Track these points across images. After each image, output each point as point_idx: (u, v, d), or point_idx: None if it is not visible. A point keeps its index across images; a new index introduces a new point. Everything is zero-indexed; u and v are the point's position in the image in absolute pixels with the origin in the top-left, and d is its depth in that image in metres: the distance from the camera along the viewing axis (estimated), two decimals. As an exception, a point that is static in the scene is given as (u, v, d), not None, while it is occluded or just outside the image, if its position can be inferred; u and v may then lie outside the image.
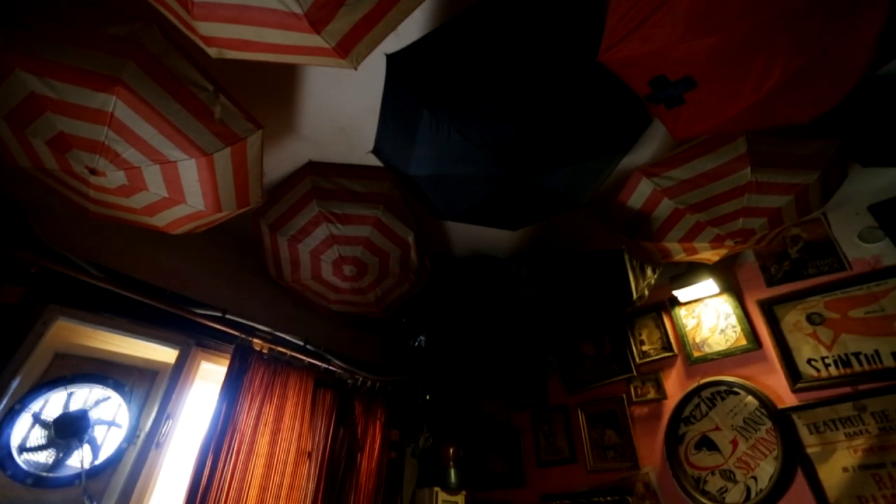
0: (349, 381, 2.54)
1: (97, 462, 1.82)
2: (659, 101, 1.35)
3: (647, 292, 2.46)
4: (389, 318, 2.75)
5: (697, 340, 2.55)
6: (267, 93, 1.76)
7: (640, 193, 1.97)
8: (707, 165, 1.80)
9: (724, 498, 2.16)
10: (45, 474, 1.71)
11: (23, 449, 1.71)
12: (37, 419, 1.77)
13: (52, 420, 1.78)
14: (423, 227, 2.28)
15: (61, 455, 1.76)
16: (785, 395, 2.17)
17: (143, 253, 2.10)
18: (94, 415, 1.86)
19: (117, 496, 1.73)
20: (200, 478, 1.80)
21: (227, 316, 2.21)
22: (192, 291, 2.19)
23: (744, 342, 2.38)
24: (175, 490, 1.91)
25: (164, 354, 2.09)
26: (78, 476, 1.75)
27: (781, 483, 2.03)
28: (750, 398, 2.24)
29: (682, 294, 2.60)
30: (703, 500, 2.19)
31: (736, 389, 2.30)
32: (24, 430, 1.74)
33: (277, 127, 1.87)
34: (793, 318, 2.28)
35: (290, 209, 2.07)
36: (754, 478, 2.12)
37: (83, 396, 1.91)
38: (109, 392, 1.95)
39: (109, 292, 1.89)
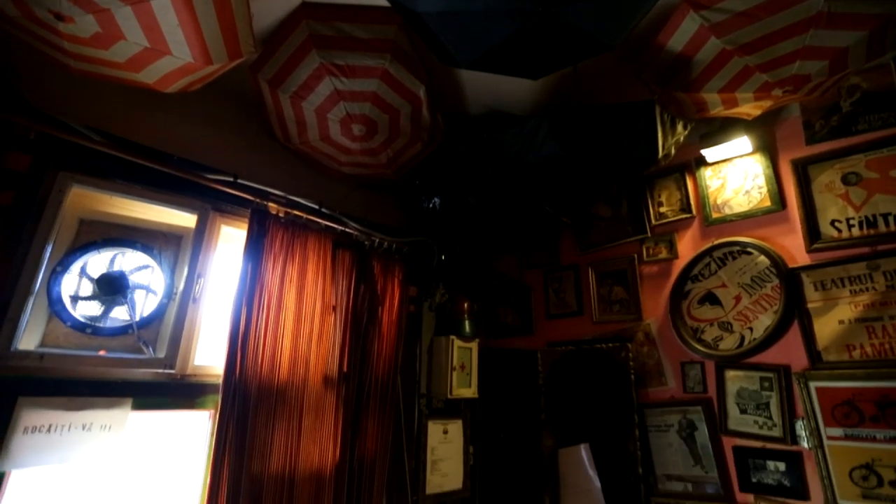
0: (366, 242, 2.62)
1: (144, 315, 2.01)
2: None
3: (673, 151, 2.32)
4: (403, 181, 2.70)
5: (718, 202, 2.49)
6: None
7: (683, 32, 1.70)
8: (772, -7, 1.50)
9: (717, 345, 2.33)
10: (100, 325, 1.90)
11: (75, 303, 1.88)
12: (80, 278, 1.91)
13: (93, 280, 1.92)
14: (435, 79, 2.07)
15: (110, 309, 1.93)
16: (799, 255, 2.18)
17: (144, 117, 2.01)
18: (130, 274, 1.99)
19: (168, 342, 1.94)
20: (238, 328, 1.98)
21: (239, 181, 2.19)
22: (201, 156, 2.14)
23: (768, 203, 2.31)
24: (218, 338, 2.13)
25: (185, 219, 2.14)
26: (130, 326, 1.95)
27: (775, 333, 2.16)
28: (762, 258, 2.26)
29: (710, 153, 2.45)
30: (698, 347, 2.37)
31: (749, 249, 2.31)
32: (71, 288, 1.89)
33: (259, -44, 1.59)
34: (826, 179, 2.16)
35: (288, 62, 1.87)
36: (750, 328, 2.25)
37: (117, 259, 2.02)
38: (140, 254, 2.05)
39: (118, 159, 1.86)
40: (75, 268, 1.89)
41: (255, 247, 2.11)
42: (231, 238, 2.29)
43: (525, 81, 1.96)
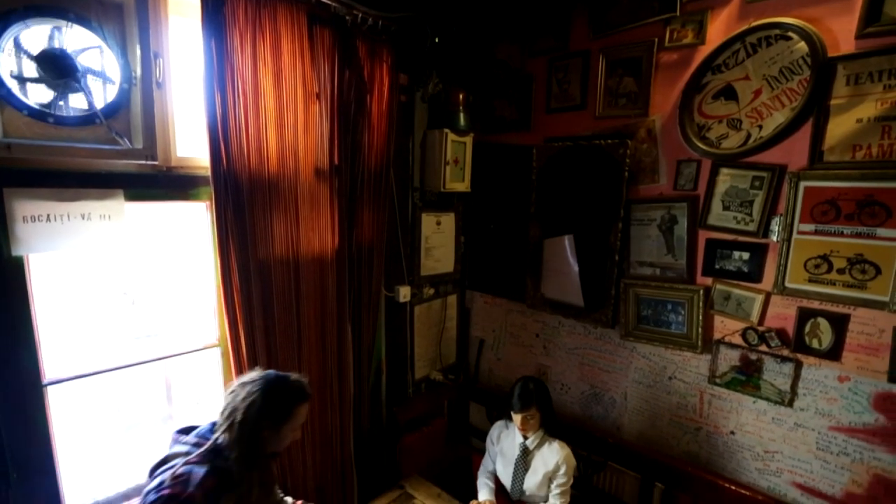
0: (347, 17, 2.23)
1: (107, 101, 1.82)
2: None
3: None
4: (386, -70, 2.14)
5: (773, -32, 2.04)
6: None
7: None
8: None
9: (720, 143, 2.25)
10: (61, 114, 1.73)
11: (23, 86, 1.67)
12: (16, 53, 1.65)
13: (33, 57, 1.66)
14: None
15: (64, 94, 1.72)
16: (844, 42, 1.90)
17: None
18: (74, 54, 1.72)
19: (142, 132, 1.82)
20: (215, 116, 1.84)
21: (174, -79, 1.70)
22: None
23: (833, -30, 1.90)
24: (198, 129, 1.98)
25: (118, -21, 1.74)
26: (95, 115, 1.78)
27: (785, 132, 2.05)
28: (801, 44, 1.98)
29: None
30: (699, 145, 2.30)
31: (790, 34, 2.00)
32: (12, 67, 1.65)
33: None
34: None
35: None
36: (759, 126, 2.14)
37: (55, 36, 1.71)
38: (78, 28, 1.73)
39: None
40: (6, 45, 1.61)
41: (214, 17, 1.78)
42: (185, 9, 1.92)
43: None
